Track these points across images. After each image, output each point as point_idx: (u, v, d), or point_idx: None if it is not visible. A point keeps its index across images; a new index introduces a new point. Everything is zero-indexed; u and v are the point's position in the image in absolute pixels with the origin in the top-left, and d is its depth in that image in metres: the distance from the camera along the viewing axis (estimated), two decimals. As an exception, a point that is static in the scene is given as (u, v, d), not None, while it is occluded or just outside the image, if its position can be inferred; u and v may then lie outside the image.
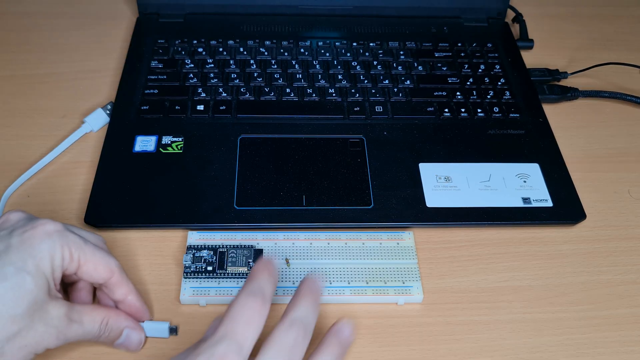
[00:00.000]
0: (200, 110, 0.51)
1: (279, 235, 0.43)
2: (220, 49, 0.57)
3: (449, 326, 0.40)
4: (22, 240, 0.33)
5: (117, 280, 0.36)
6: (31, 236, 0.33)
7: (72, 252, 0.34)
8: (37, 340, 0.32)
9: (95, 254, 0.35)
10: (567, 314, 0.41)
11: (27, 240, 0.33)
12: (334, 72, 0.55)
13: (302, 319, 0.32)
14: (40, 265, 0.32)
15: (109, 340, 0.36)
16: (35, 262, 0.32)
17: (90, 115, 0.51)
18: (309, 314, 0.32)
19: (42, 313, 0.32)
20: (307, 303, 0.33)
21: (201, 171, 0.46)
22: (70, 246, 0.34)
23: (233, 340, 0.30)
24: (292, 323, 0.31)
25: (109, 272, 0.35)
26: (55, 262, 0.33)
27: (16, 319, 0.31)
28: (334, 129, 0.50)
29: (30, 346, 0.32)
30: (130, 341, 0.37)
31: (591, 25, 0.65)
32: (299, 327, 0.31)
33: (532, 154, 0.49)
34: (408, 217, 0.44)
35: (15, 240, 0.33)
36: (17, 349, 0.31)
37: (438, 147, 0.49)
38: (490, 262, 0.43)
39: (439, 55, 0.58)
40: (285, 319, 0.32)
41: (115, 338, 0.36)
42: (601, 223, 0.46)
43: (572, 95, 0.55)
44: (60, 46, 0.59)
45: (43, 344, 0.32)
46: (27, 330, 0.31)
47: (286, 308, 0.33)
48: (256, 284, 0.33)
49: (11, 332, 0.31)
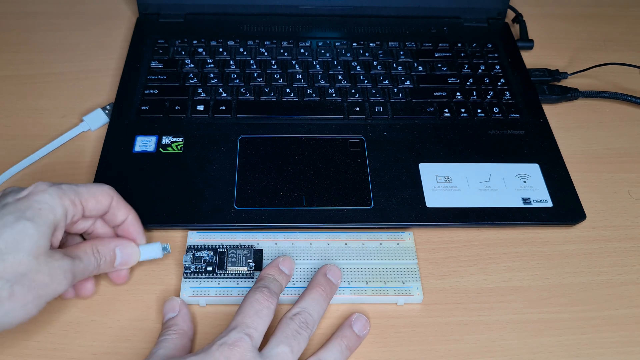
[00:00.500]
0: (200, 110, 0.51)
1: (279, 236, 0.43)
2: (220, 49, 0.57)
3: (448, 326, 0.40)
4: (18, 199, 0.34)
5: (117, 202, 0.38)
6: (28, 194, 0.34)
7: (72, 199, 0.35)
8: (46, 282, 0.33)
9: (89, 188, 0.37)
10: (567, 314, 0.41)
11: (25, 197, 0.34)
12: (334, 72, 0.55)
13: (306, 310, 0.36)
14: (40, 214, 0.33)
15: (108, 265, 0.38)
16: (33, 212, 0.33)
17: (90, 115, 0.51)
18: (314, 306, 0.37)
19: (46, 257, 0.33)
20: (314, 295, 0.37)
21: (201, 171, 0.46)
22: (68, 194, 0.35)
23: (244, 329, 0.34)
24: (296, 313, 0.36)
25: (109, 197, 0.38)
26: (57, 214, 0.34)
27: (23, 261, 0.32)
28: (334, 129, 0.50)
29: (40, 288, 0.33)
30: (127, 256, 0.39)
31: (591, 25, 0.65)
32: (301, 317, 0.36)
33: (532, 154, 0.49)
34: (408, 218, 0.44)
35: (11, 199, 0.34)
36: (27, 291, 0.32)
37: (438, 148, 0.49)
38: (490, 263, 0.43)
39: (439, 55, 0.58)
40: (291, 309, 0.36)
41: (112, 260, 0.38)
42: (601, 223, 0.46)
43: (572, 95, 0.55)
44: (60, 46, 0.59)
45: (52, 286, 0.33)
46: (34, 272, 0.32)
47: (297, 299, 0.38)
48: (263, 280, 0.37)
49: (18, 273, 0.32)
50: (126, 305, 0.40)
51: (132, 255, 0.39)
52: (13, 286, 0.32)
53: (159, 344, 0.36)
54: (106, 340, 0.38)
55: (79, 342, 0.38)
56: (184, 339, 0.36)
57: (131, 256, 0.39)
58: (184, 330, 0.37)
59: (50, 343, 0.38)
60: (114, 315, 0.39)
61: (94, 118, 0.51)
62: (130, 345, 0.38)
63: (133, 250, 0.39)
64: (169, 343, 0.36)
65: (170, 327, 0.37)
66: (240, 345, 0.33)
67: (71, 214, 0.35)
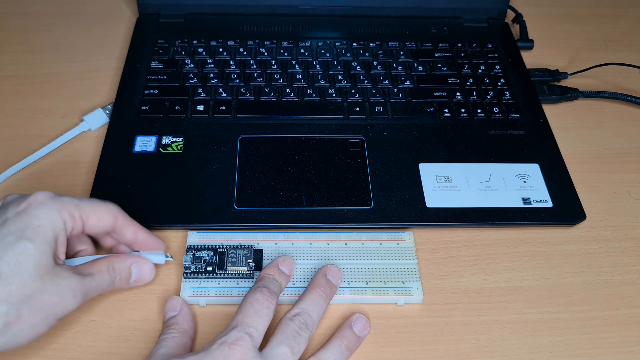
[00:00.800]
0: (200, 111, 0.51)
1: (278, 236, 0.43)
2: (220, 49, 0.57)
3: (448, 327, 0.40)
4: (17, 213, 0.34)
5: (122, 223, 0.38)
6: (26, 207, 0.34)
7: (71, 213, 0.35)
8: (54, 302, 0.33)
9: (93, 205, 0.36)
10: (567, 314, 0.41)
11: (22, 212, 0.34)
12: (334, 72, 0.55)
13: (305, 311, 0.36)
14: (40, 231, 0.33)
15: (123, 282, 0.38)
16: (33, 230, 0.33)
17: (90, 114, 0.51)
18: (313, 306, 0.37)
19: (51, 276, 0.33)
20: (313, 296, 0.37)
21: (201, 171, 0.46)
22: (68, 207, 0.35)
23: (244, 328, 0.34)
24: (296, 314, 0.36)
25: (112, 217, 0.37)
26: (57, 227, 0.34)
27: (27, 283, 0.32)
28: (334, 129, 0.50)
29: (48, 308, 0.33)
30: (142, 274, 0.39)
31: (591, 25, 0.65)
32: (301, 318, 0.36)
33: (532, 155, 0.49)
34: (408, 218, 0.44)
35: (11, 214, 0.34)
36: (35, 312, 0.32)
37: (438, 148, 0.49)
38: (490, 263, 0.43)
39: (439, 55, 0.58)
40: (291, 310, 0.36)
41: (128, 278, 0.38)
42: (601, 223, 0.46)
43: (572, 95, 0.55)
44: (60, 46, 0.59)
45: (61, 305, 0.33)
46: (40, 292, 0.32)
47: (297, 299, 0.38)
48: (263, 280, 0.38)
49: (24, 295, 0.32)
50: (126, 305, 0.40)
51: (147, 273, 0.39)
52: (20, 309, 0.32)
53: (159, 342, 0.36)
54: (106, 340, 0.38)
55: (78, 342, 0.38)
56: (184, 337, 0.36)
57: (146, 273, 0.39)
58: (185, 329, 0.37)
59: (51, 343, 0.38)
60: (114, 315, 0.39)
61: (94, 118, 0.51)
62: (130, 345, 0.38)
63: (148, 267, 0.39)
64: (170, 342, 0.36)
65: (171, 325, 0.37)
66: (240, 344, 0.33)
67: (70, 228, 0.35)
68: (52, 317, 0.33)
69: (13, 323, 0.32)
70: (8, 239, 0.32)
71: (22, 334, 0.32)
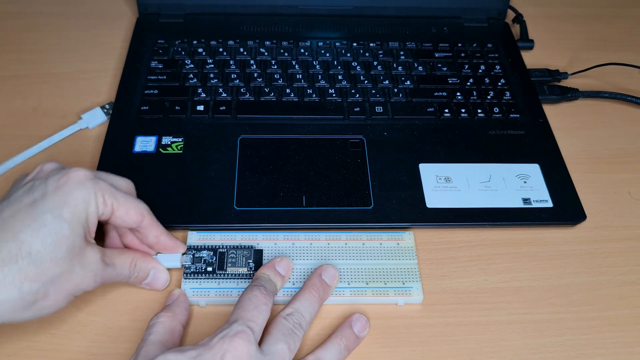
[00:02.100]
0: (200, 111, 0.51)
1: (279, 236, 0.43)
2: (220, 49, 0.57)
3: (449, 327, 0.40)
4: (57, 188, 0.34)
5: (148, 223, 0.38)
6: (65, 183, 0.35)
7: (105, 199, 0.36)
8: (77, 283, 0.34)
9: (127, 199, 0.37)
10: (567, 314, 0.41)
11: (62, 187, 0.34)
12: (334, 72, 0.55)
13: (298, 311, 0.36)
14: (75, 212, 0.34)
15: (138, 280, 0.39)
16: (70, 210, 0.34)
17: (88, 113, 0.51)
18: (306, 307, 0.37)
19: (80, 257, 0.34)
20: (307, 296, 0.38)
21: (201, 171, 0.46)
22: (103, 193, 0.36)
23: (245, 322, 0.34)
24: (289, 314, 0.36)
25: (140, 215, 0.37)
26: (90, 209, 0.35)
27: (58, 262, 0.33)
28: (334, 129, 0.50)
29: (71, 288, 0.34)
30: (156, 280, 0.40)
31: (592, 25, 0.65)
32: (294, 318, 0.36)
33: (533, 155, 0.49)
34: (408, 218, 0.44)
35: (50, 187, 0.34)
36: (59, 291, 0.34)
37: (438, 148, 0.49)
38: (491, 263, 0.43)
39: (439, 55, 0.58)
40: (284, 309, 0.37)
41: (143, 278, 0.39)
42: (601, 224, 0.46)
43: (572, 95, 0.55)
44: (60, 46, 0.59)
45: (82, 286, 0.35)
46: (68, 273, 0.34)
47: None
48: (259, 279, 0.38)
49: (54, 275, 0.33)
50: (126, 305, 0.40)
51: (161, 281, 0.40)
52: (48, 287, 0.33)
53: (148, 329, 0.36)
54: (106, 340, 0.38)
55: (78, 343, 0.38)
56: (173, 321, 0.37)
57: (160, 282, 0.40)
58: (175, 314, 0.37)
59: (50, 343, 0.38)
60: (114, 316, 0.39)
61: (92, 116, 0.51)
62: (130, 345, 0.38)
63: (164, 277, 0.40)
64: (158, 327, 0.36)
65: (161, 311, 0.38)
66: (242, 337, 0.33)
67: (100, 212, 0.36)
68: (72, 295, 0.35)
69: (41, 300, 0.33)
70: (46, 216, 0.33)
71: (46, 309, 0.34)
